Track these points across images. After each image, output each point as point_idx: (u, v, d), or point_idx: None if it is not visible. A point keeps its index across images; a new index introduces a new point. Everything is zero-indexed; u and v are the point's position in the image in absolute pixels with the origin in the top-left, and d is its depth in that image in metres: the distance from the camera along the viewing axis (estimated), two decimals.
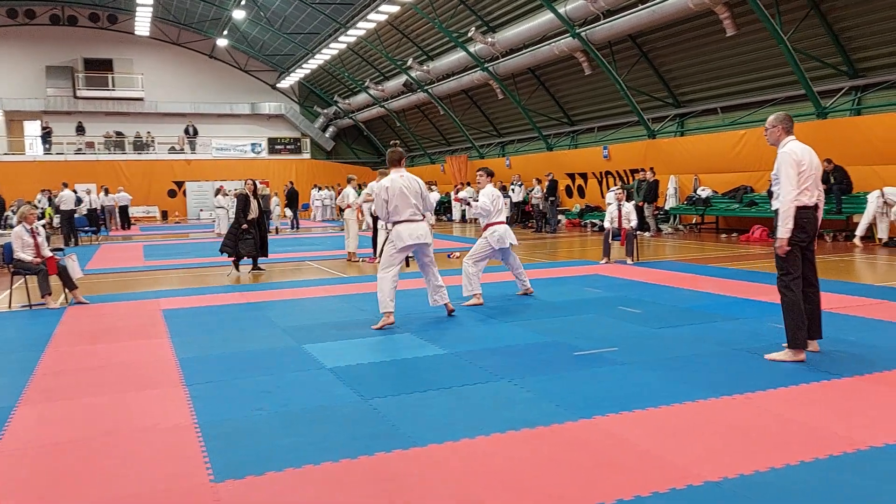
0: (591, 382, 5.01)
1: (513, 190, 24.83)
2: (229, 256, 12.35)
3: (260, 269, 12.62)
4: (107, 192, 28.13)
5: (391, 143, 7.95)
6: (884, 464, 3.46)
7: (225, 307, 8.81)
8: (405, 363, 5.75)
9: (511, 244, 8.71)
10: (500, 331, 6.91)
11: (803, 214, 5.31)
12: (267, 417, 4.43)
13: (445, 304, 7.68)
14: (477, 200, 8.83)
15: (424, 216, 7.50)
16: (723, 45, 18.22)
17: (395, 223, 7.33)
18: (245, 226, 12.13)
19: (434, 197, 9.21)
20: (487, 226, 8.69)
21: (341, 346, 6.44)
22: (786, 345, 5.43)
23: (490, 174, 9.05)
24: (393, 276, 7.27)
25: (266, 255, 12.70)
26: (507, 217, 9.28)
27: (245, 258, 12.39)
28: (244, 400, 4.81)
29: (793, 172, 5.28)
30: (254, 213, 12.23)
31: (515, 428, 4.09)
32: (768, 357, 5.49)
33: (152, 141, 38.05)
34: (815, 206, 5.43)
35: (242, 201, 12.30)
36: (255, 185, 12.66)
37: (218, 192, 24.75)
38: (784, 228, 5.30)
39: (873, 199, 13.63)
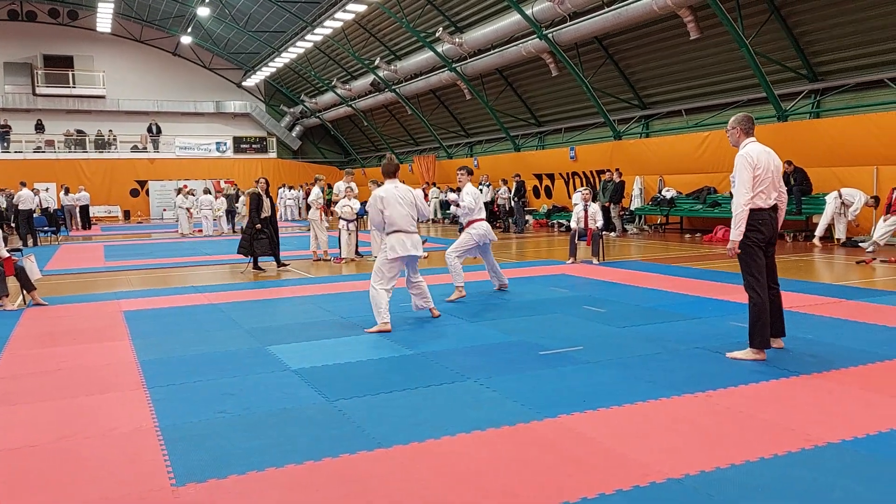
0: (556, 381, 5.04)
1: (480, 190, 24.87)
2: (245, 256, 12.40)
3: (285, 264, 12.82)
4: (67, 191, 27.63)
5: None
6: (839, 459, 3.54)
7: (188, 308, 8.70)
8: (371, 364, 5.73)
9: (490, 240, 9.11)
10: (467, 331, 6.92)
11: (759, 216, 5.37)
12: (230, 420, 4.38)
13: (430, 309, 7.67)
14: (457, 197, 9.26)
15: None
16: (687, 48, 18.46)
17: (389, 233, 7.31)
18: (258, 225, 12.16)
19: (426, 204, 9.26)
20: (470, 222, 9.07)
21: (306, 347, 6.40)
22: (749, 344, 5.51)
23: (470, 172, 9.38)
24: (389, 290, 7.19)
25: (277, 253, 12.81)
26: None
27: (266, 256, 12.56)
28: (206, 402, 4.75)
29: (747, 176, 5.34)
30: (266, 211, 12.32)
31: (481, 428, 4.10)
32: (730, 355, 5.58)
33: (114, 139, 37.41)
34: (773, 208, 5.49)
35: (255, 200, 12.26)
36: (266, 183, 12.75)
37: (179, 191, 24.43)
38: (736, 231, 5.39)
39: (831, 200, 13.89)
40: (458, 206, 9.17)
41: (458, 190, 9.44)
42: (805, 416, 4.19)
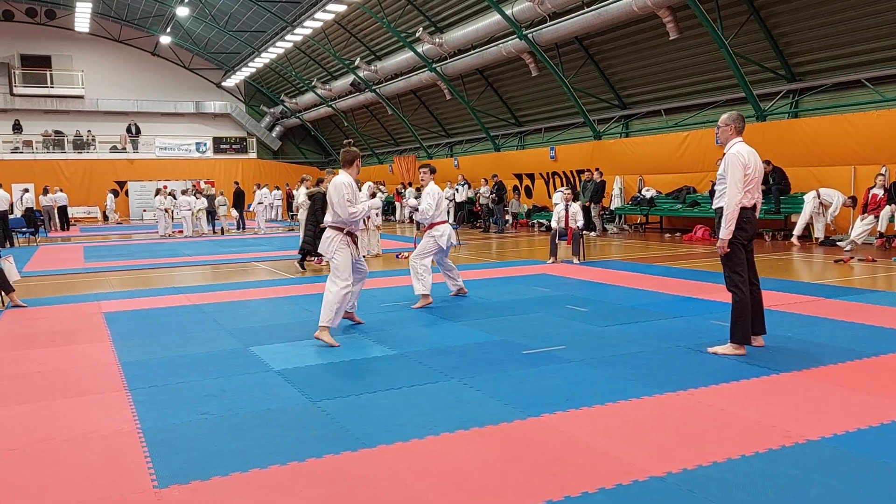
0: (539, 381, 5.05)
1: (456, 190, 24.92)
2: (310, 255, 12.49)
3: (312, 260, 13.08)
4: (46, 191, 27.33)
5: (344, 142, 7.80)
6: (818, 456, 3.58)
7: (169, 309, 8.64)
8: (354, 364, 5.72)
9: (452, 244, 8.80)
10: (449, 331, 6.92)
11: (744, 215, 5.47)
12: (212, 421, 4.36)
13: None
14: (418, 199, 8.84)
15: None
16: (666, 48, 18.59)
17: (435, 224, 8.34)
18: (323, 224, 12.06)
19: (377, 201, 9.04)
20: (432, 225, 8.64)
21: (289, 347, 6.38)
22: (730, 339, 5.62)
23: (433, 171, 8.98)
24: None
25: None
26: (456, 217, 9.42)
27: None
28: (189, 404, 4.72)
29: (740, 175, 5.41)
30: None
31: (465, 427, 4.11)
32: (711, 350, 5.69)
33: (93, 140, 37.05)
34: (754, 207, 5.58)
35: (320, 200, 12.12)
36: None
37: (158, 192, 24.24)
38: (726, 230, 5.45)
39: (810, 200, 14.05)
40: (414, 210, 8.88)
41: (420, 189, 9.29)
42: (785, 413, 4.24)
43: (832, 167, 15.00)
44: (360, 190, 8.56)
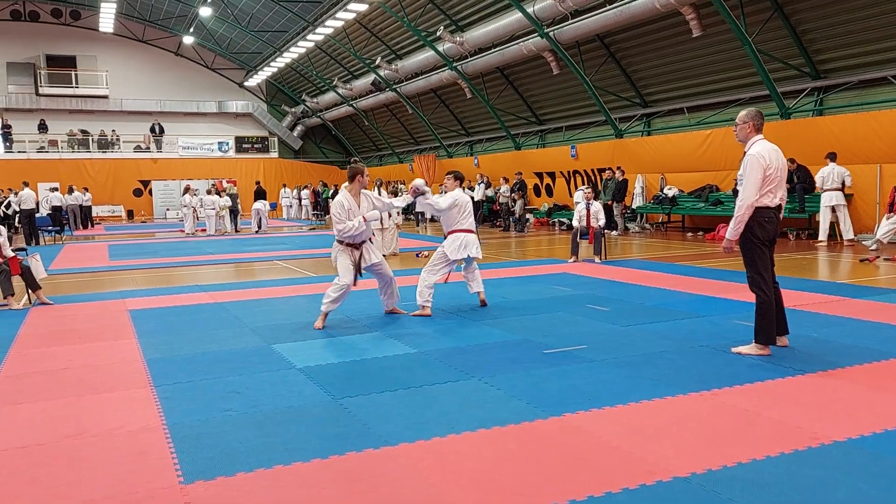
0: (560, 380, 5.04)
1: (472, 188, 24.90)
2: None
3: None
4: (71, 190, 27.70)
5: (352, 160, 7.84)
6: (845, 457, 3.54)
7: (193, 307, 8.72)
8: (375, 362, 5.74)
9: (471, 256, 7.96)
10: (470, 329, 6.93)
11: (765, 214, 5.37)
12: (237, 418, 4.40)
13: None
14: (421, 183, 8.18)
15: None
16: (689, 45, 18.45)
17: (452, 231, 7.93)
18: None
19: (400, 201, 8.27)
20: (449, 233, 8.07)
21: (311, 345, 6.42)
22: (754, 339, 5.56)
23: (459, 178, 8.35)
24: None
25: None
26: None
27: None
28: (213, 401, 4.77)
29: (758, 177, 5.31)
30: None
31: (486, 426, 4.11)
32: (735, 350, 5.64)
33: (117, 139, 37.47)
34: (778, 207, 5.48)
35: None
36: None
37: (187, 190, 24.48)
38: (734, 230, 5.40)
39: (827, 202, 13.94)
40: (421, 193, 7.92)
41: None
42: (811, 414, 4.20)
43: (857, 165, 14.81)
44: (378, 194, 8.55)
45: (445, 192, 8.41)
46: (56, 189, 25.76)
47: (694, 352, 5.76)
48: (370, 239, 7.64)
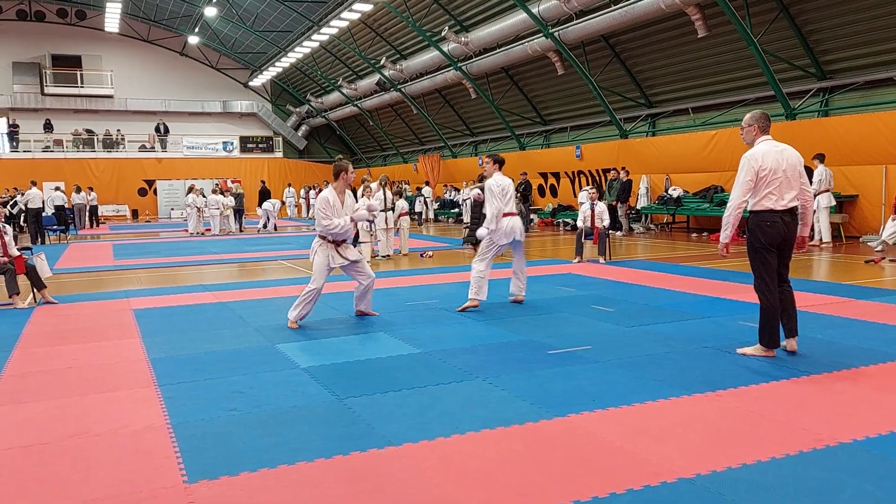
0: (565, 380, 5.03)
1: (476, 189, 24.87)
2: (474, 245, 13.17)
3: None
4: (78, 190, 27.79)
5: (336, 157, 7.80)
6: (850, 459, 3.53)
7: (197, 307, 8.73)
8: (379, 362, 5.74)
9: (516, 239, 8.02)
10: (474, 329, 6.92)
11: (767, 217, 5.29)
12: (241, 418, 4.40)
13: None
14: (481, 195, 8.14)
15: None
16: (694, 46, 18.42)
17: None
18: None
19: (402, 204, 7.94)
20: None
21: (315, 345, 6.42)
22: (759, 340, 5.53)
23: (498, 161, 8.08)
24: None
25: None
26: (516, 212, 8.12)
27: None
28: (217, 400, 4.77)
29: (743, 178, 5.27)
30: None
31: (490, 426, 4.10)
32: (740, 351, 5.62)
33: (122, 139, 37.55)
34: (787, 211, 5.31)
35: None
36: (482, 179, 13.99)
37: (191, 190, 24.51)
38: (724, 233, 5.40)
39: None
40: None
41: (481, 178, 8.44)
42: (816, 415, 4.18)
43: (863, 166, 14.78)
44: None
45: (487, 177, 8.18)
46: (59, 188, 25.84)
47: (699, 353, 5.75)
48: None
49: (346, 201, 7.33)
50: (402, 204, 15.36)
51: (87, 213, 28.28)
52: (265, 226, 25.23)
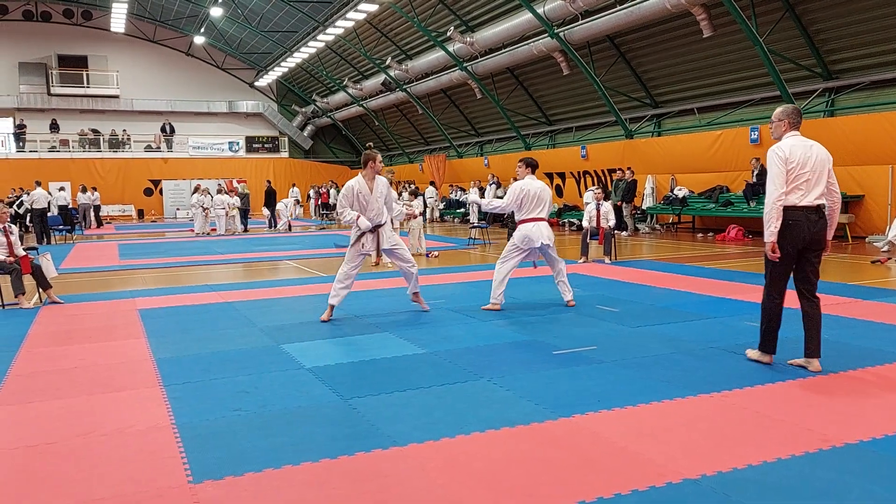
0: (570, 381, 5.03)
1: (482, 189, 24.87)
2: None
3: None
4: (84, 190, 27.86)
5: (367, 145, 7.93)
6: (857, 460, 3.52)
7: (202, 307, 8.74)
8: (384, 362, 5.74)
9: (543, 244, 7.75)
10: (479, 330, 6.91)
11: (791, 215, 4.93)
12: (246, 418, 4.40)
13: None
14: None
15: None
16: (699, 46, 18.38)
17: (522, 221, 7.79)
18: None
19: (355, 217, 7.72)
20: (519, 222, 7.88)
21: (320, 345, 6.42)
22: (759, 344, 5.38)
23: (530, 165, 8.01)
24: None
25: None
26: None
27: None
28: (222, 400, 4.77)
29: (776, 170, 4.96)
30: None
31: (495, 427, 4.10)
32: (748, 352, 5.49)
33: (128, 139, 37.64)
34: (814, 208, 4.99)
35: None
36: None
37: (196, 190, 24.55)
38: (767, 231, 4.98)
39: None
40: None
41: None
42: (823, 416, 4.17)
43: (869, 166, 14.73)
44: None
45: (514, 181, 8.12)
46: (64, 188, 25.91)
47: (704, 353, 5.73)
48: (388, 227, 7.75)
49: (376, 188, 7.53)
50: (417, 204, 15.42)
51: (91, 213, 28.33)
52: (271, 224, 25.31)
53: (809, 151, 5.04)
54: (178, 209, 36.15)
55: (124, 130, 37.67)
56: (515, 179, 8.19)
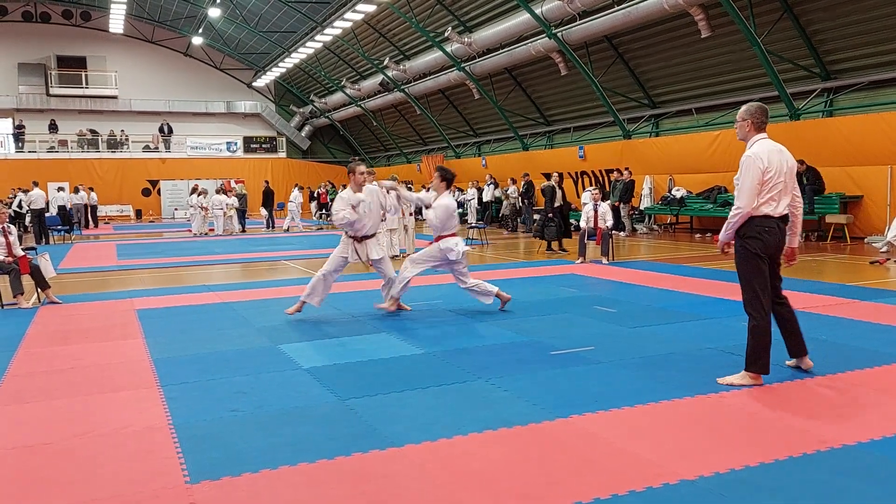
0: (567, 382, 5.03)
1: (480, 189, 24.87)
2: (540, 239, 14.76)
3: (564, 249, 14.41)
4: (77, 190, 27.83)
5: (351, 158, 7.98)
6: (854, 461, 3.52)
7: (200, 307, 8.74)
8: (382, 363, 5.74)
9: (454, 259, 7.68)
10: (477, 330, 6.92)
11: (764, 223, 4.76)
12: (243, 418, 4.40)
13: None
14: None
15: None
16: (697, 46, 18.39)
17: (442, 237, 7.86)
18: (550, 213, 14.43)
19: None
20: (438, 238, 7.77)
21: (318, 346, 6.42)
22: (745, 367, 4.87)
23: (446, 179, 7.82)
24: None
25: (570, 237, 15.02)
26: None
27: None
28: (219, 401, 4.77)
29: (753, 181, 4.73)
30: (558, 201, 14.83)
31: (493, 428, 4.10)
32: (721, 381, 4.87)
33: (126, 139, 37.61)
34: (782, 217, 4.84)
35: (550, 192, 14.77)
36: (560, 177, 15.52)
37: (193, 190, 24.54)
38: (724, 232, 4.88)
39: None
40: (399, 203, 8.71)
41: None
42: (820, 417, 4.17)
43: (868, 167, 14.75)
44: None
45: (430, 190, 8.13)
46: (63, 189, 25.88)
47: (701, 354, 5.73)
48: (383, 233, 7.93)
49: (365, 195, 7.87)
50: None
51: (86, 213, 28.28)
52: (270, 225, 25.31)
53: (781, 157, 4.84)
54: (175, 209, 36.12)
55: (122, 131, 37.64)
56: (457, 189, 8.21)
